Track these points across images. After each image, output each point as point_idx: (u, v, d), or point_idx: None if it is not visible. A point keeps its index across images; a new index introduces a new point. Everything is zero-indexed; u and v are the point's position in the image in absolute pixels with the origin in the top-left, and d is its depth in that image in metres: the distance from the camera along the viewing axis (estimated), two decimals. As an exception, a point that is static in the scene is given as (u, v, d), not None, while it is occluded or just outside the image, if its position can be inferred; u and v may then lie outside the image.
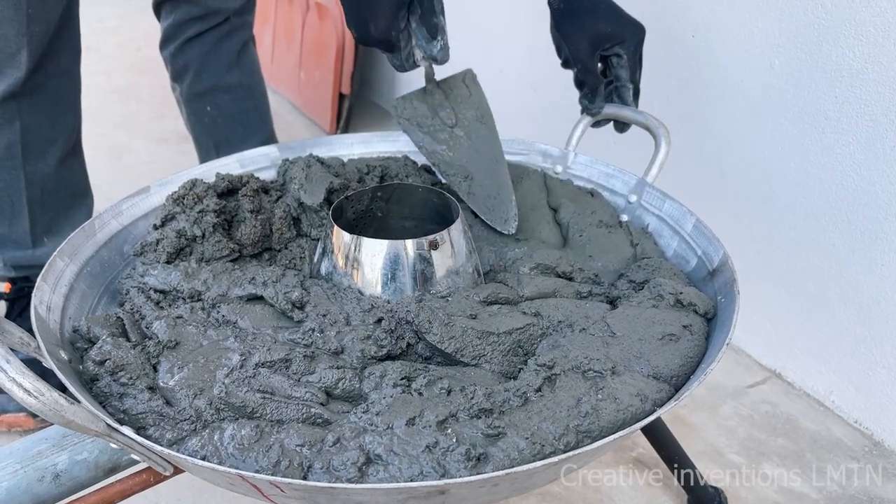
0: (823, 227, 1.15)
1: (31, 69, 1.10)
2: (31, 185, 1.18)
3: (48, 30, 1.09)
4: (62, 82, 1.18)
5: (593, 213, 0.89)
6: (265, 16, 2.46)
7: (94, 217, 0.82)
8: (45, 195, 1.20)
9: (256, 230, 0.82)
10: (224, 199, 0.85)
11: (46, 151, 1.18)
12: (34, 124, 1.15)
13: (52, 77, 1.15)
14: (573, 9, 0.92)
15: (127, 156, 2.02)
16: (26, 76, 1.10)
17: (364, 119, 2.31)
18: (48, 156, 1.19)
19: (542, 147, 1.01)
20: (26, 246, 1.22)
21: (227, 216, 0.84)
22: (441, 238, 0.74)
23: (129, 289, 0.77)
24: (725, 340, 0.65)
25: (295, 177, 0.88)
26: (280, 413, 0.61)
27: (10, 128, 1.13)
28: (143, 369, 0.64)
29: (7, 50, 1.08)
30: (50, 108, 1.17)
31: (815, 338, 1.22)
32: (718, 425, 1.19)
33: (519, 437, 0.57)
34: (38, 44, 1.09)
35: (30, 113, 1.14)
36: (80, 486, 0.64)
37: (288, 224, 0.84)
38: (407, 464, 0.55)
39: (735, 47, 1.21)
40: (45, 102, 1.15)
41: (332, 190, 0.86)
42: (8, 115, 1.12)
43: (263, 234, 0.83)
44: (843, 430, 1.18)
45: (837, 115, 1.09)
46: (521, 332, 0.69)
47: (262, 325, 0.71)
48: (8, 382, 0.51)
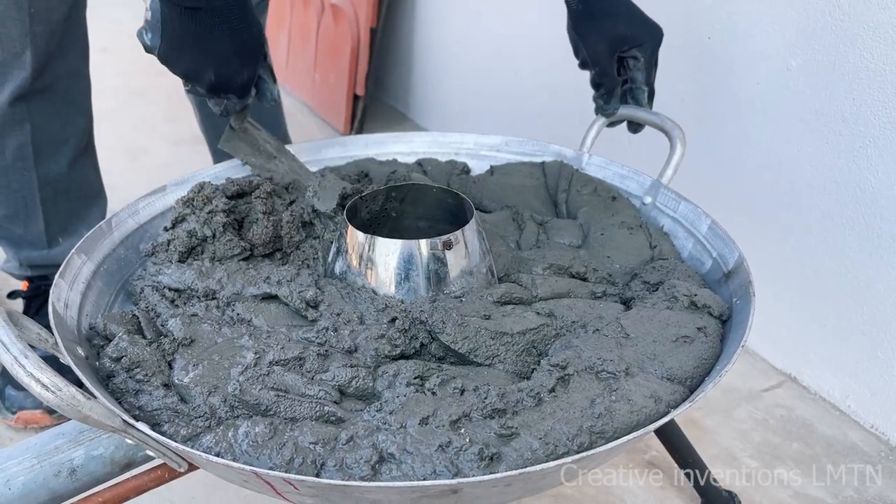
0: (839, 230, 1.15)
1: (36, 69, 1.10)
2: (44, 186, 1.18)
3: (52, 29, 1.09)
4: (71, 83, 1.18)
5: (615, 215, 0.89)
6: (281, 17, 2.47)
7: (112, 215, 0.83)
8: (58, 195, 1.21)
9: (268, 231, 0.83)
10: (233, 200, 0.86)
11: (58, 152, 1.19)
12: (45, 125, 1.15)
13: (61, 78, 1.15)
14: (591, 10, 0.92)
15: (144, 157, 2.03)
16: (33, 76, 1.10)
17: (378, 121, 2.31)
18: (60, 156, 1.19)
19: (557, 148, 1.01)
20: (42, 246, 1.23)
21: (237, 217, 0.85)
22: (455, 238, 0.74)
23: (143, 287, 0.77)
24: (741, 342, 0.64)
25: (309, 183, 0.88)
26: (294, 411, 0.61)
27: (20, 129, 1.13)
28: (159, 366, 0.65)
29: (11, 50, 1.08)
30: (60, 108, 1.17)
31: (830, 341, 1.21)
32: (733, 429, 1.18)
33: (532, 437, 0.57)
34: (42, 43, 1.09)
35: (40, 114, 1.14)
36: (95, 481, 0.64)
37: (297, 227, 0.85)
38: (420, 463, 0.55)
39: (751, 49, 1.20)
40: (56, 103, 1.16)
41: (346, 195, 0.86)
42: (18, 116, 1.12)
43: (275, 235, 0.84)
44: (858, 434, 1.17)
45: (855, 118, 1.08)
46: (535, 332, 0.69)
47: (277, 324, 0.72)
48: (26, 377, 0.52)
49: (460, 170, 1.01)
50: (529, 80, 1.73)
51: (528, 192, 0.96)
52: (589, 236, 0.88)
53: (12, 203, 1.19)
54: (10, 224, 1.21)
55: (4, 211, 1.20)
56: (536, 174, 0.99)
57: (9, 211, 1.20)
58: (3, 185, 1.17)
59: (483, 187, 0.97)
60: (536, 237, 0.88)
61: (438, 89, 2.12)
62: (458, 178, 0.99)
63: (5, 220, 1.21)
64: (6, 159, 1.15)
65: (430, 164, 1.01)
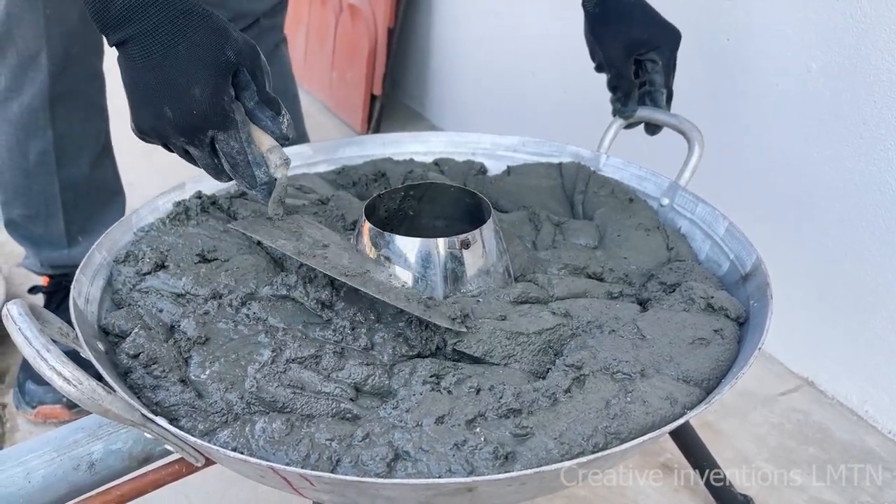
0: (858, 233, 1.14)
1: (53, 71, 1.10)
2: (65, 190, 1.19)
3: (68, 30, 1.09)
4: (90, 85, 1.18)
5: (631, 217, 0.89)
6: (299, 16, 2.48)
7: (131, 212, 0.84)
8: (78, 198, 1.22)
9: None
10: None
11: (79, 155, 1.19)
12: (66, 131, 1.16)
13: (81, 81, 1.15)
14: (608, 13, 0.91)
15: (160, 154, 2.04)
16: (51, 79, 1.10)
17: (395, 120, 2.32)
18: (81, 160, 1.20)
19: (574, 149, 1.01)
20: (62, 246, 1.23)
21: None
22: (473, 237, 0.74)
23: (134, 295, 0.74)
24: (758, 345, 0.64)
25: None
26: (310, 408, 0.62)
27: (43, 135, 1.14)
28: (176, 362, 0.65)
29: (26, 52, 1.08)
30: (81, 113, 1.18)
31: (848, 346, 1.20)
32: (748, 432, 1.18)
33: (547, 437, 0.57)
34: (58, 44, 1.09)
35: (62, 120, 1.15)
36: (114, 475, 0.65)
37: None
38: (435, 461, 0.55)
39: (770, 51, 1.19)
40: (77, 109, 1.16)
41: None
42: (41, 122, 1.13)
43: None
44: (876, 439, 1.16)
45: (876, 120, 1.07)
46: (551, 332, 0.69)
47: (293, 322, 0.72)
48: (48, 371, 0.52)
49: (477, 170, 1.01)
50: (546, 79, 1.73)
51: (544, 193, 0.97)
52: (605, 237, 0.87)
53: (34, 205, 1.20)
54: (30, 224, 1.22)
55: (26, 211, 1.21)
56: (553, 175, 0.99)
57: (30, 212, 1.21)
58: (26, 187, 1.18)
59: (499, 187, 0.97)
60: (553, 238, 0.88)
61: (455, 89, 2.12)
62: (474, 179, 0.99)
63: (26, 221, 1.22)
64: (28, 162, 1.16)
65: (446, 164, 1.01)
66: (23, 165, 1.16)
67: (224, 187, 0.89)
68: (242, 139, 0.67)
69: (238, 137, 0.66)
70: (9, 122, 1.13)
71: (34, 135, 1.14)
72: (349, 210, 0.87)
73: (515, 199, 0.95)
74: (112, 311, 0.73)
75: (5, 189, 1.20)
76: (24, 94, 1.11)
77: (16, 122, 1.13)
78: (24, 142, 1.14)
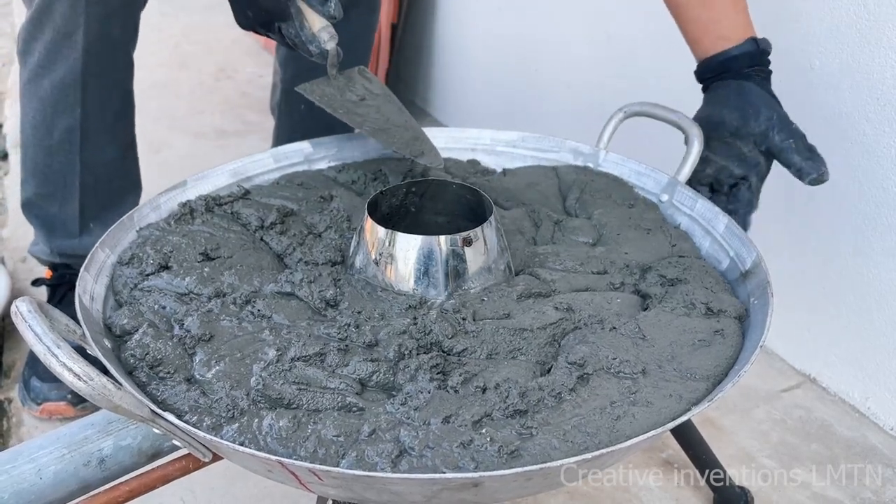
0: (861, 230, 1.14)
1: (87, 50, 1.08)
2: (86, 172, 1.17)
3: (108, 12, 1.07)
4: (124, 73, 1.17)
5: (632, 217, 0.89)
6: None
7: (134, 210, 0.84)
8: (98, 183, 1.20)
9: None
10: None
11: (105, 140, 1.18)
12: (96, 112, 1.14)
13: (115, 65, 1.14)
14: None
15: (165, 150, 2.04)
16: (84, 56, 1.08)
17: (397, 117, 2.32)
18: (106, 145, 1.18)
19: (573, 144, 1.01)
20: (73, 231, 1.21)
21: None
22: (475, 235, 0.74)
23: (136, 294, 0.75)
24: (759, 343, 0.65)
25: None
26: (316, 402, 0.62)
27: (71, 113, 1.12)
28: (181, 359, 0.66)
29: (63, 29, 1.06)
30: (112, 96, 1.16)
31: (851, 343, 1.21)
32: (751, 429, 1.18)
33: (552, 435, 0.58)
34: (95, 25, 1.07)
35: (94, 100, 1.13)
36: (124, 470, 0.66)
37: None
38: (441, 457, 0.56)
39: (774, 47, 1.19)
40: (109, 91, 1.15)
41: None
42: (71, 99, 1.11)
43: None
44: (879, 436, 1.17)
45: (879, 118, 1.07)
46: (554, 326, 0.70)
47: (297, 319, 0.72)
48: (59, 367, 0.53)
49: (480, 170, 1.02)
50: (550, 76, 1.73)
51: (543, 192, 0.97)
52: (605, 236, 0.88)
53: (52, 183, 1.18)
54: (45, 203, 1.21)
55: (43, 190, 1.19)
56: (550, 176, 0.99)
57: (47, 190, 1.19)
58: (46, 164, 1.17)
59: (498, 186, 0.97)
60: (552, 234, 0.88)
61: (458, 85, 2.12)
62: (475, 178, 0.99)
63: (41, 199, 1.20)
64: (52, 139, 1.14)
65: (448, 163, 1.02)
66: (46, 142, 1.15)
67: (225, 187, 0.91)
68: (297, 26, 0.90)
69: (294, 25, 0.90)
70: (39, 98, 1.13)
71: (63, 112, 1.13)
72: (354, 212, 0.88)
73: (514, 198, 0.95)
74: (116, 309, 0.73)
75: (25, 166, 1.19)
76: (57, 71, 1.10)
77: (46, 98, 1.12)
78: (50, 118, 1.13)
